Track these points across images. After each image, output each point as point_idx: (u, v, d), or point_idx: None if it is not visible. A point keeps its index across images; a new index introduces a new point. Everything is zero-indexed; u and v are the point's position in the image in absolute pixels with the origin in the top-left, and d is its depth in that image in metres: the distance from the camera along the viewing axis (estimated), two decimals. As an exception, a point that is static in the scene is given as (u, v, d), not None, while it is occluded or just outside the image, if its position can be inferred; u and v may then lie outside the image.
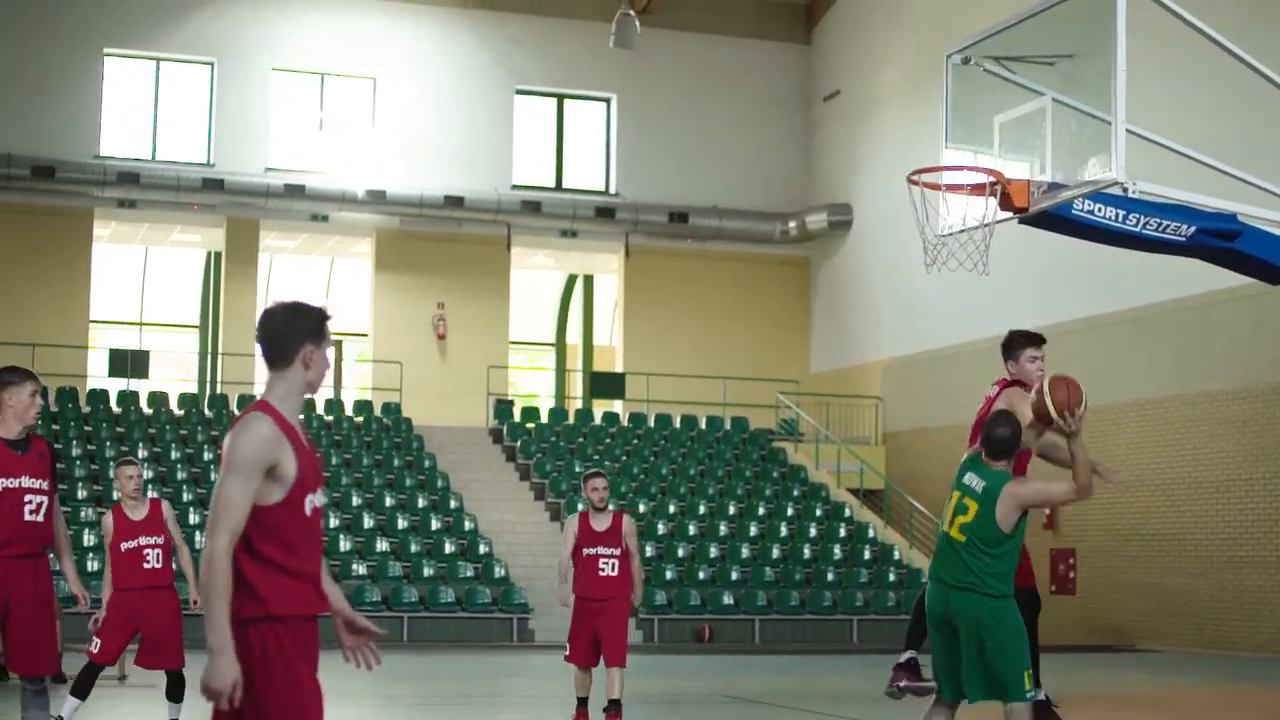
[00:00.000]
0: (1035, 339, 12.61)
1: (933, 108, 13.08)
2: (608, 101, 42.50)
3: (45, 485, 10.24)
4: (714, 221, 41.96)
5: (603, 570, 14.46)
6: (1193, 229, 13.30)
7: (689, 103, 42.13)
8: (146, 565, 13.10)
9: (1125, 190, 13.27)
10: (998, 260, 33.80)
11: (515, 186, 41.00)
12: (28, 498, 10.13)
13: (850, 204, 41.44)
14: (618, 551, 14.52)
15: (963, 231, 13.23)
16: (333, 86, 40.96)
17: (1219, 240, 13.52)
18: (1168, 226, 13.23)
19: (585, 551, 14.51)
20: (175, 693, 13.24)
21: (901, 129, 38.67)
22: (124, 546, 13.10)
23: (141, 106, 39.68)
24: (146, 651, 13.25)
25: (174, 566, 13.41)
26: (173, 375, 42.77)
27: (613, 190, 41.98)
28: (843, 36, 42.61)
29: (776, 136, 43.20)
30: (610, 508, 14.74)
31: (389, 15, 40.63)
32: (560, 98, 42.57)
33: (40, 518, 10.19)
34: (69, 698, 13.04)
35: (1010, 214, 13.22)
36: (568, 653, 14.72)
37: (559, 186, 42.12)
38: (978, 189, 13.15)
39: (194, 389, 40.09)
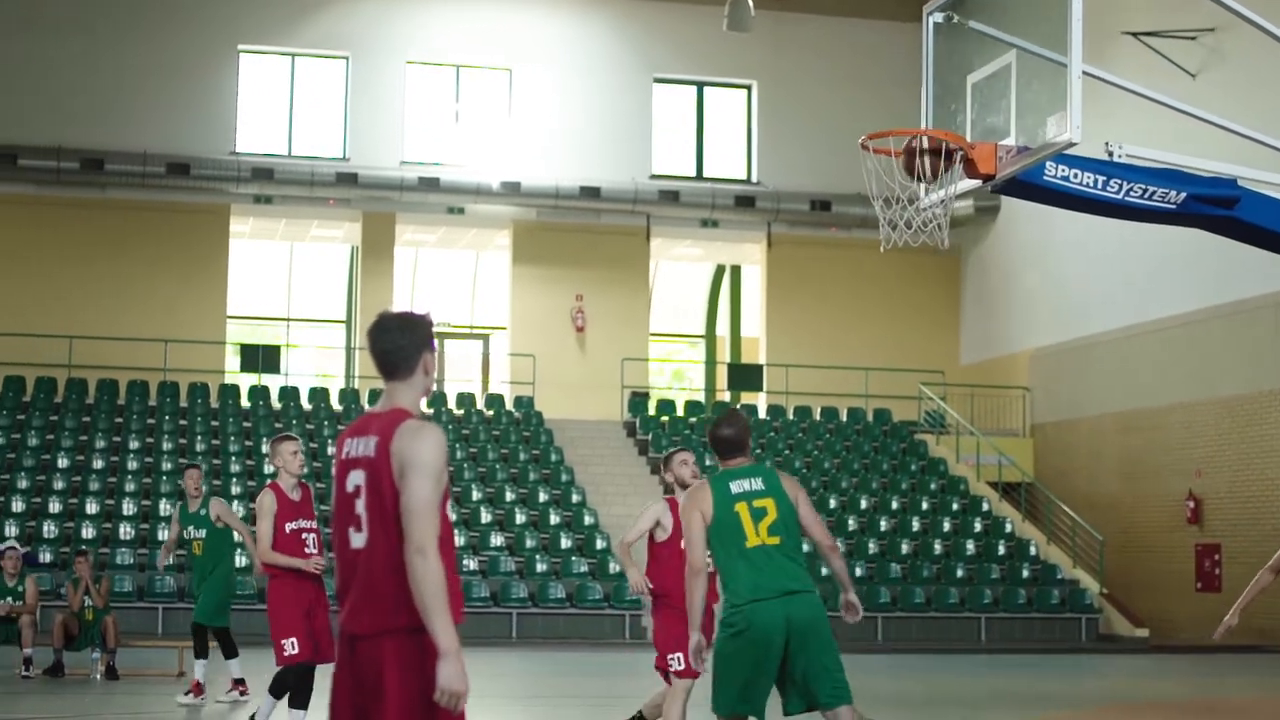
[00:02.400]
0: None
1: (1097, 87, 12.04)
2: (748, 88, 41.67)
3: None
4: (858, 209, 40.82)
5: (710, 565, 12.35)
6: (1184, 195, 12.18)
7: (830, 87, 41.05)
8: (306, 550, 12.48)
9: (1111, 154, 12.24)
10: (1144, 244, 32.62)
11: (654, 176, 40.33)
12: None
13: (998, 189, 40.06)
14: None
15: (913, 204, 12.23)
16: (468, 79, 40.67)
17: (1214, 208, 12.38)
18: (1155, 193, 12.13)
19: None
20: (303, 699, 12.50)
21: (1042, 109, 37.22)
22: (289, 527, 12.45)
23: (277, 102, 39.72)
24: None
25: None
26: (320, 371, 42.92)
27: (754, 179, 41.12)
28: (983, 16, 41.21)
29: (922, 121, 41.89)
30: None
31: (524, 6, 40.22)
32: (699, 85, 41.84)
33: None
34: (293, 712, 12.45)
35: (978, 182, 12.23)
36: (683, 667, 11.37)
37: (699, 175, 41.37)
38: (948, 156, 12.18)
39: (340, 384, 40.03)
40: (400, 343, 6.09)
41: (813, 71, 41.31)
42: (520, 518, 32.46)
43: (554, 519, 32.69)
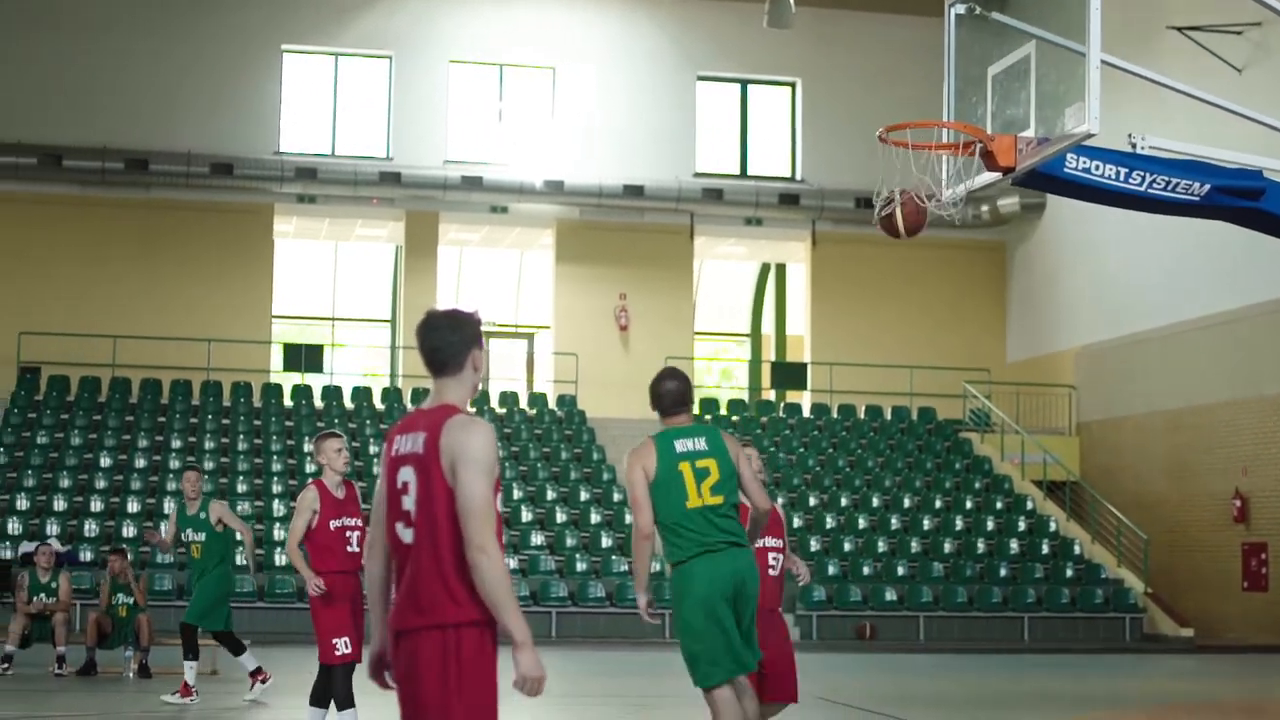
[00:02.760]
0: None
1: (1122, 78, 11.88)
2: (792, 86, 41.48)
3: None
4: (903, 206, 40.63)
5: (772, 569, 10.66)
6: (1207, 187, 12.02)
7: (875, 83, 40.73)
8: (350, 549, 12.30)
9: (1134, 146, 12.10)
10: (1195, 240, 32.31)
11: (698, 174, 40.19)
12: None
13: (1043, 185, 39.72)
14: (782, 544, 10.85)
15: (931, 199, 12.08)
16: (511, 77, 40.62)
17: (1239, 200, 12.21)
18: (1178, 185, 11.97)
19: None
20: (347, 698, 12.27)
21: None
22: (333, 524, 12.29)
23: (320, 102, 39.77)
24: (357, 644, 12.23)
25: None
26: (368, 370, 42.97)
27: (798, 176, 40.93)
28: (1039, 15, 40.93)
29: (967, 117, 41.65)
30: None
31: (568, 5, 40.17)
32: (743, 83, 41.68)
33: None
34: (341, 714, 12.28)
35: (998, 175, 12.07)
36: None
37: (743, 174, 41.20)
38: (966, 147, 12.05)
39: (385, 384, 40.03)
40: (449, 339, 6.14)
41: (857, 68, 41.07)
42: (561, 516, 32.39)
43: (594, 518, 32.61)
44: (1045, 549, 33.48)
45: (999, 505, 35.05)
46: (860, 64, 41.09)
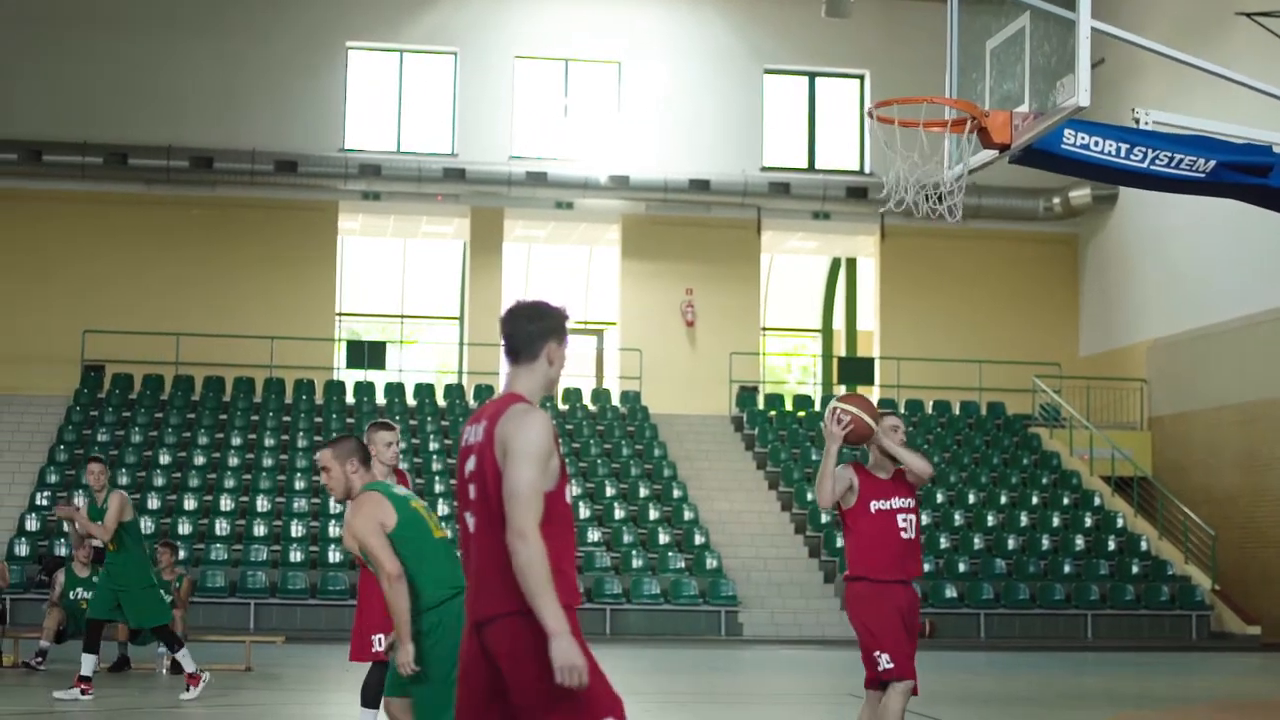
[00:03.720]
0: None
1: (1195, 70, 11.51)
2: (860, 78, 41.02)
3: None
4: (973, 199, 39.98)
5: (904, 533, 10.05)
6: (1213, 163, 11.62)
7: (945, 76, 40.16)
8: None
9: (1137, 121, 11.71)
10: (1269, 230, 31.66)
11: (764, 168, 39.83)
12: None
13: (1115, 177, 39.03)
14: (913, 504, 10.16)
15: (918, 187, 11.72)
16: (576, 72, 40.42)
17: (1247, 176, 11.79)
18: (1182, 161, 11.58)
19: (875, 506, 10.05)
20: (374, 699, 11.72)
21: (1163, 95, 36.32)
22: None
23: (385, 99, 39.73)
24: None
25: None
26: (440, 367, 42.98)
27: (866, 169, 40.47)
28: (1109, 3, 40.30)
29: (1039, 108, 41.07)
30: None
31: (633, -1, 40.00)
32: (811, 76, 41.27)
33: None
34: (365, 711, 11.73)
35: (995, 153, 11.71)
36: (889, 666, 9.83)
37: (811, 167, 40.80)
38: (958, 125, 11.70)
39: (454, 381, 39.95)
40: (526, 328, 6.15)
41: (926, 59, 40.30)
42: (619, 513, 32.14)
43: (653, 514, 32.34)
44: (1111, 545, 32.89)
45: (1065, 501, 34.50)
46: (929, 55, 40.20)
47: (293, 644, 23.28)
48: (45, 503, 30.32)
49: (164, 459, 32.66)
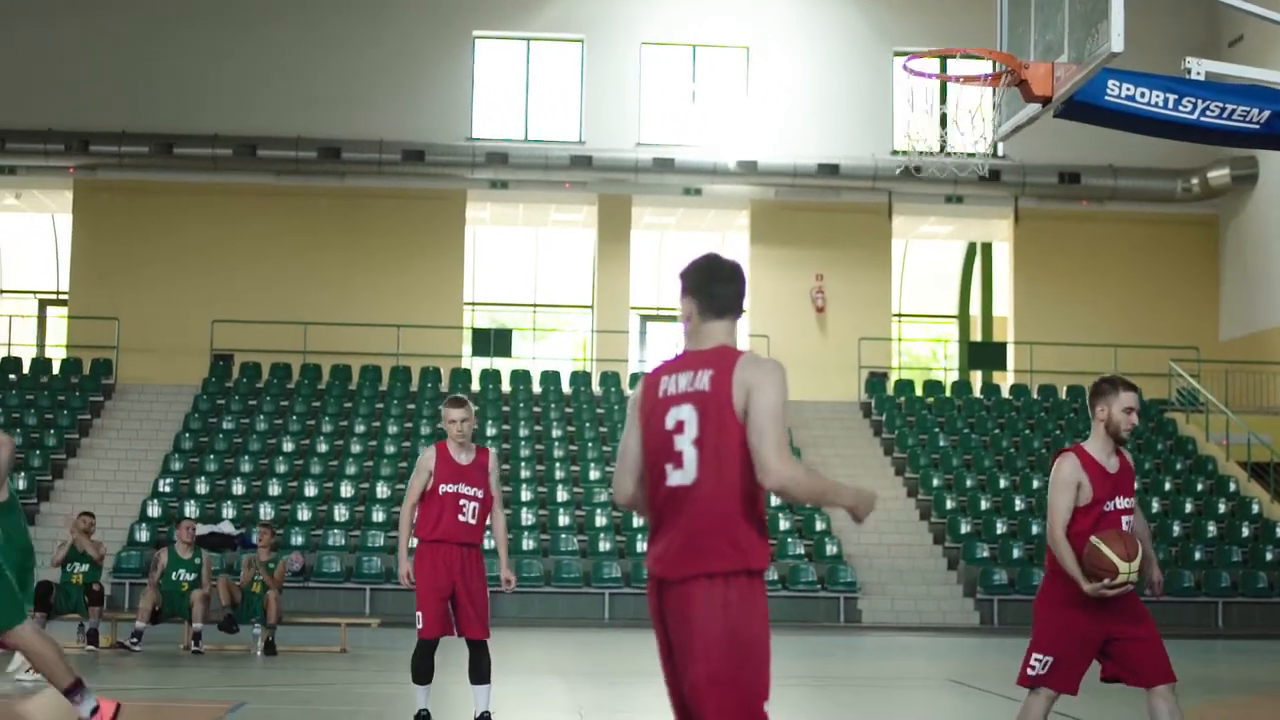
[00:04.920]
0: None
1: None
2: (994, 60, 40.22)
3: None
4: (1109, 181, 39.34)
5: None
6: (1266, 113, 11.14)
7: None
8: (461, 517, 11.60)
9: (1188, 71, 11.27)
10: None
11: (895, 152, 39.29)
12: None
13: (1255, 156, 38.02)
14: (1132, 504, 8.95)
15: (943, 154, 11.35)
16: (704, 58, 40.18)
17: (1305, 127, 11.29)
18: (1234, 111, 11.13)
19: (1106, 507, 8.75)
20: (480, 673, 11.60)
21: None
22: (443, 489, 11.58)
23: (512, 87, 39.74)
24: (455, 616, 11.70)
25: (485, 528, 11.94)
26: (569, 356, 42.98)
27: (999, 152, 39.76)
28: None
29: (1177, 87, 40.13)
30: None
31: (760, -17, 39.67)
32: (942, 58, 40.52)
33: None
34: (417, 688, 11.71)
35: (1037, 107, 11.30)
36: (1044, 671, 8.73)
37: (943, 150, 40.08)
38: (995, 79, 11.32)
39: (582, 369, 39.91)
40: (735, 288, 6.10)
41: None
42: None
43: (774, 499, 31.97)
44: (1245, 532, 32.01)
45: (1199, 487, 33.63)
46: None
47: (396, 628, 23.23)
48: (168, 489, 30.64)
49: (287, 446, 32.88)
